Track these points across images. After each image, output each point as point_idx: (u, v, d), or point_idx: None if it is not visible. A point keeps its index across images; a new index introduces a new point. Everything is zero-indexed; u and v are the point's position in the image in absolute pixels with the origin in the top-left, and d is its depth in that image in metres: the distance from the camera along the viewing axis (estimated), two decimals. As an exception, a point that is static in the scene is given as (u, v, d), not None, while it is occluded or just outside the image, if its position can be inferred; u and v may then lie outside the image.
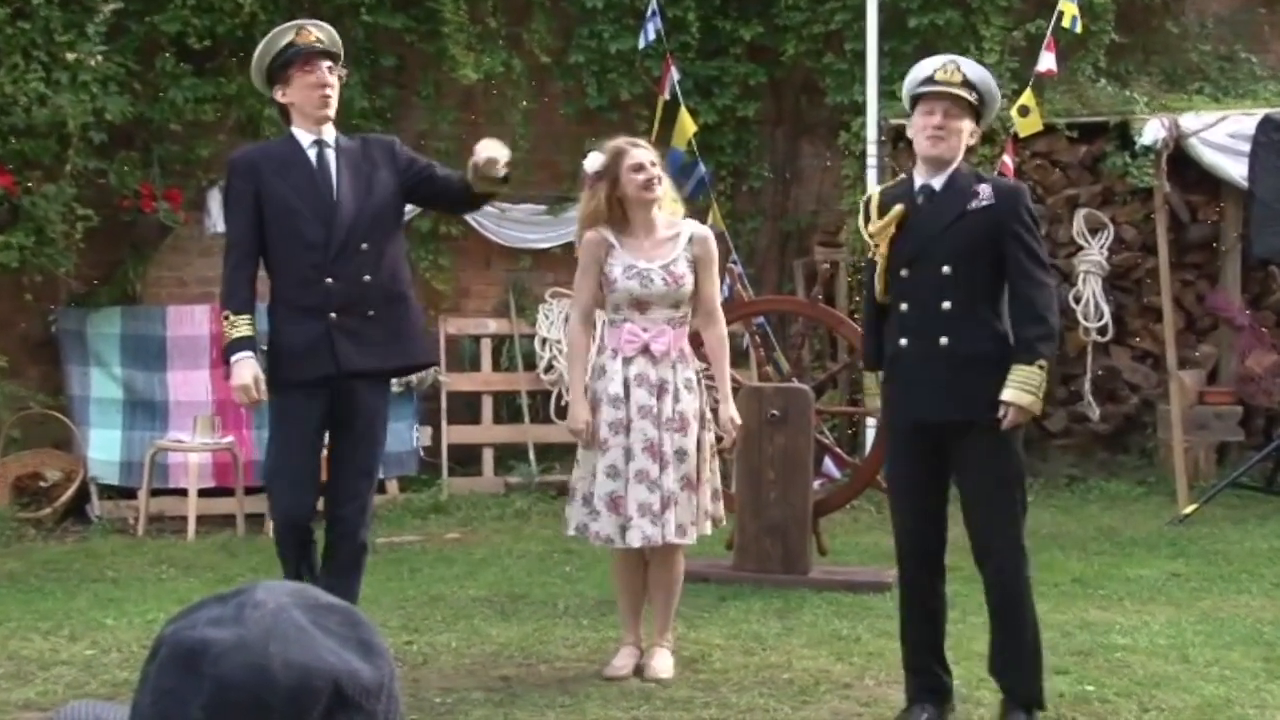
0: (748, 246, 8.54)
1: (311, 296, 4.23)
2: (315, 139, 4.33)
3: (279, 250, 4.30)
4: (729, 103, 8.39)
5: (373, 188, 4.34)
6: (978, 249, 3.86)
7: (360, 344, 4.26)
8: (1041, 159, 7.97)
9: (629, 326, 4.31)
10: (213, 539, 7.07)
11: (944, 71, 3.89)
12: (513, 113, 8.18)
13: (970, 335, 3.87)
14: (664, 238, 4.36)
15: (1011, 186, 4.01)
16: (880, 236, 3.95)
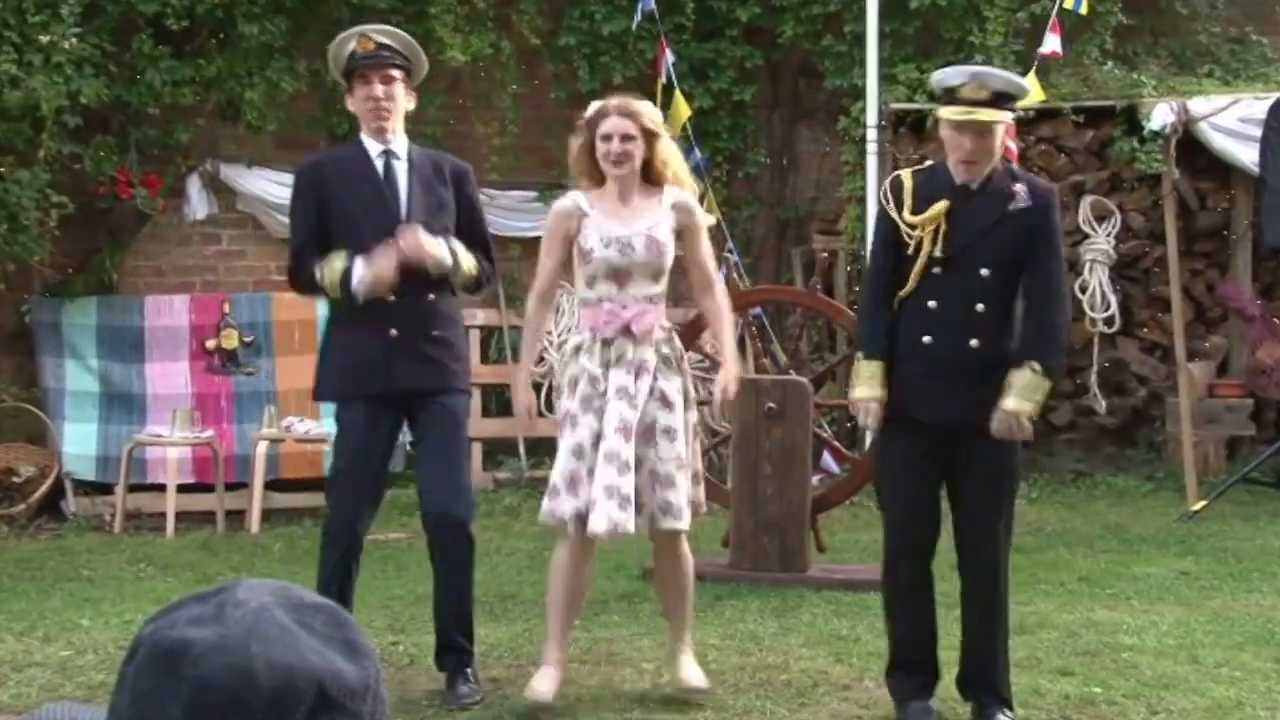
0: (744, 235, 8.54)
1: (374, 312, 4.23)
2: (383, 149, 4.32)
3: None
4: (725, 86, 8.39)
5: (444, 205, 4.34)
6: (1016, 253, 3.91)
7: (419, 362, 4.27)
8: (1047, 144, 7.97)
9: (608, 305, 4.17)
10: (192, 536, 7.06)
11: (970, 89, 3.86)
12: (502, 96, 8.17)
13: (999, 339, 3.92)
14: (643, 203, 4.23)
15: (1046, 188, 4.04)
16: (925, 231, 3.95)
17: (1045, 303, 3.91)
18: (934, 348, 3.94)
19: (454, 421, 4.36)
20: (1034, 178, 4.22)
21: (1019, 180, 3.97)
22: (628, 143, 4.17)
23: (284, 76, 7.86)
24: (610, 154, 4.17)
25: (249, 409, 7.74)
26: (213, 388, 7.80)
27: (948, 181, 3.98)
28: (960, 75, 3.93)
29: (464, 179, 4.44)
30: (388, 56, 4.29)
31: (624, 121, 4.19)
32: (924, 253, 3.94)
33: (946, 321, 3.93)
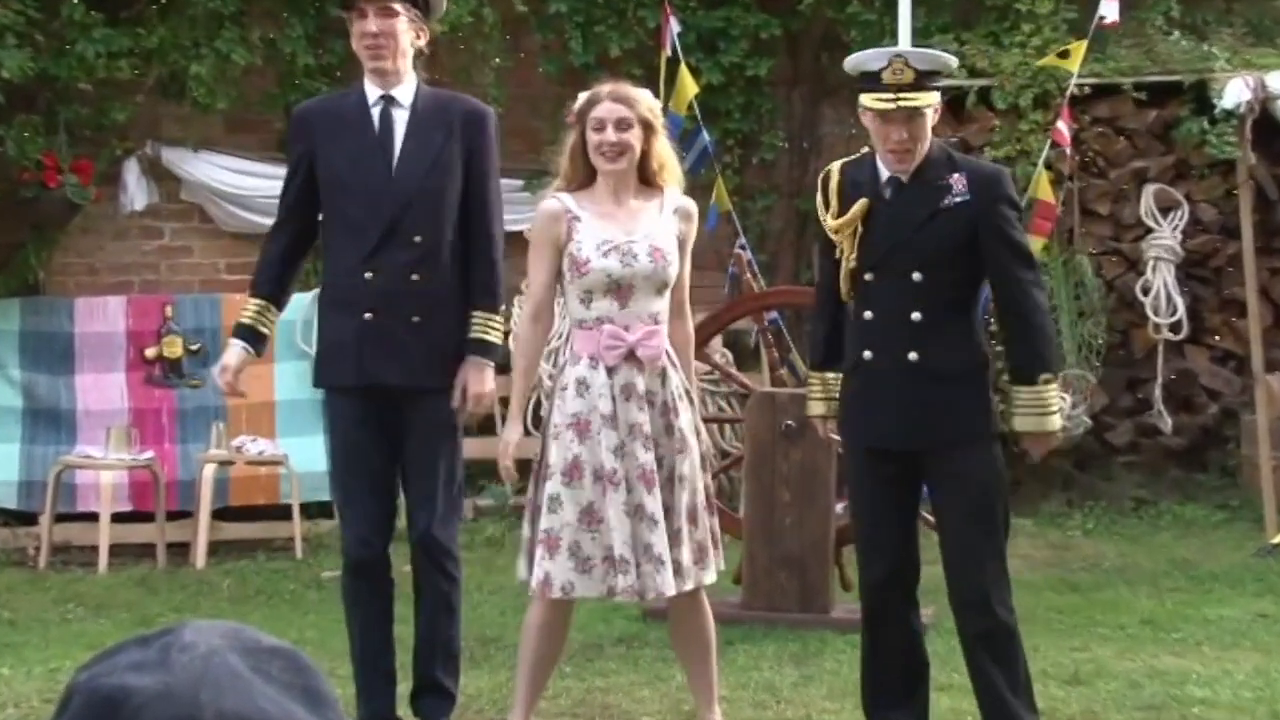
0: (759, 228, 8.55)
1: (347, 289, 4.24)
2: (382, 94, 4.29)
3: (326, 226, 4.35)
4: (737, 59, 8.41)
5: (441, 163, 4.26)
6: (952, 253, 3.96)
7: (393, 354, 4.22)
8: (1104, 125, 7.99)
9: (609, 328, 4.10)
10: (129, 573, 7.06)
11: (891, 72, 3.92)
12: (483, 71, 8.18)
13: (942, 350, 3.97)
14: (640, 205, 4.19)
15: (990, 174, 4.08)
16: (844, 235, 4.03)
17: (1020, 313, 3.97)
18: (873, 364, 4.03)
19: (438, 429, 4.30)
20: (978, 163, 4.29)
21: (958, 169, 4.01)
22: (624, 131, 4.13)
23: (235, 48, 7.87)
24: (604, 145, 4.12)
25: (194, 427, 7.74)
26: (153, 402, 7.81)
27: (871, 175, 4.05)
28: (879, 57, 3.98)
29: (478, 129, 4.31)
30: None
31: (619, 107, 4.14)
32: (845, 257, 4.03)
33: (882, 334, 4.01)
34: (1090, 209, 8.00)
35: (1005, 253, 3.95)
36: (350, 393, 4.27)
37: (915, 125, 3.93)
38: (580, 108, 4.22)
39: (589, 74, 8.04)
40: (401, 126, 4.27)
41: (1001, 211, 3.96)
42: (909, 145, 3.93)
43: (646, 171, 4.21)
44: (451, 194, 4.28)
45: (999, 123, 7.92)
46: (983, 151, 7.86)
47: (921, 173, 3.98)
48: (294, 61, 8.04)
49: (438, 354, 4.27)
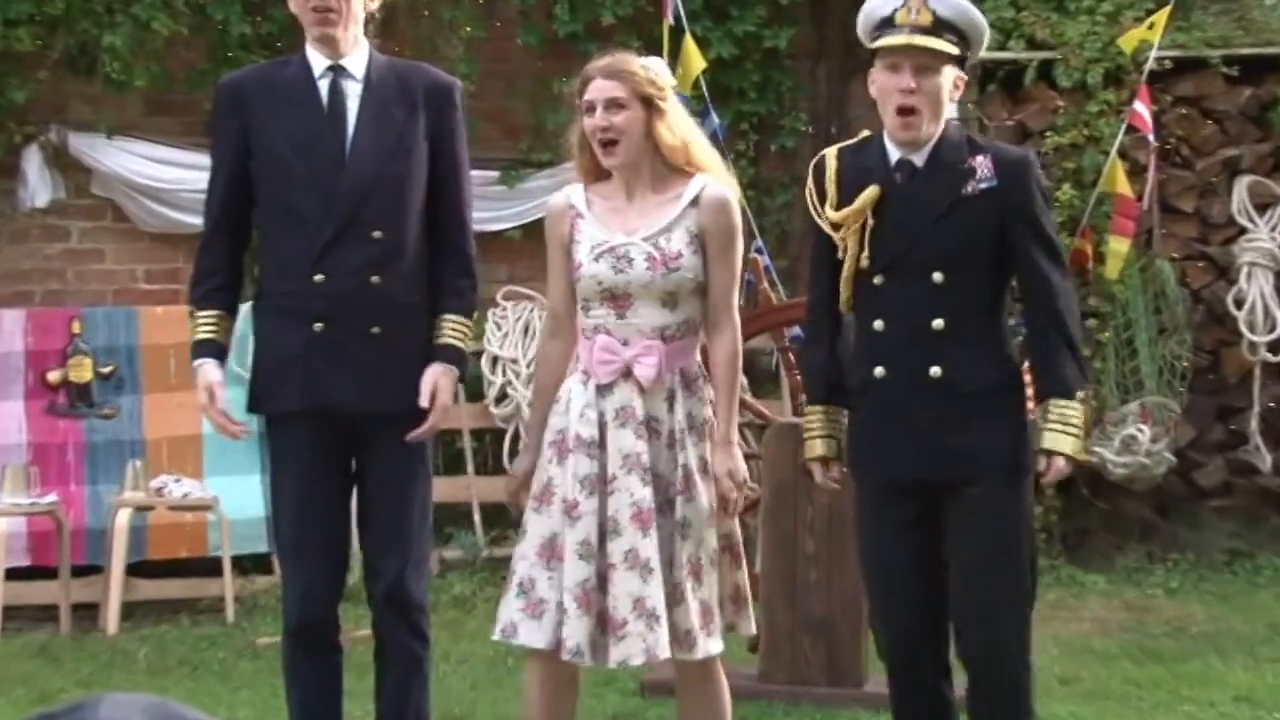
0: (778, 228, 8.56)
1: (293, 294, 4.20)
2: (330, 64, 4.27)
3: (264, 220, 4.30)
4: (752, 28, 8.43)
5: (404, 145, 4.26)
6: (978, 248, 3.96)
7: (349, 371, 4.20)
8: (1189, 106, 8.00)
9: (603, 339, 4.14)
10: (26, 639, 7.03)
11: (906, 11, 3.96)
12: (451, 43, 8.19)
13: (968, 363, 3.97)
14: (655, 199, 4.20)
15: (1019, 157, 4.08)
16: (848, 228, 4.02)
17: (1049, 316, 3.99)
18: (888, 383, 4.02)
19: (406, 461, 4.30)
20: (1003, 146, 4.27)
21: (981, 150, 4.02)
22: (615, 113, 4.12)
23: (156, 15, 7.87)
24: (596, 131, 4.13)
25: (106, 465, 7.72)
26: (57, 436, 7.79)
27: (880, 159, 4.05)
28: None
29: (445, 103, 4.33)
30: None
31: (609, 85, 4.14)
32: (849, 256, 4.02)
33: (897, 347, 4.00)
34: (1172, 206, 7.99)
35: (1036, 248, 3.96)
36: (297, 420, 4.24)
37: (927, 79, 3.93)
38: (577, 87, 4.21)
39: (576, 46, 8.07)
40: (355, 101, 4.25)
41: (1035, 200, 3.98)
42: (917, 101, 3.93)
43: (664, 155, 4.18)
44: (416, 181, 4.26)
45: (1063, 103, 7.92)
46: (1044, 137, 7.87)
47: (938, 155, 3.99)
48: (226, 31, 8.05)
49: (403, 371, 4.24)
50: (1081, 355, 4.06)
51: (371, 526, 4.33)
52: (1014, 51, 7.94)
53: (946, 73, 3.96)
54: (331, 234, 4.17)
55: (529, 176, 8.21)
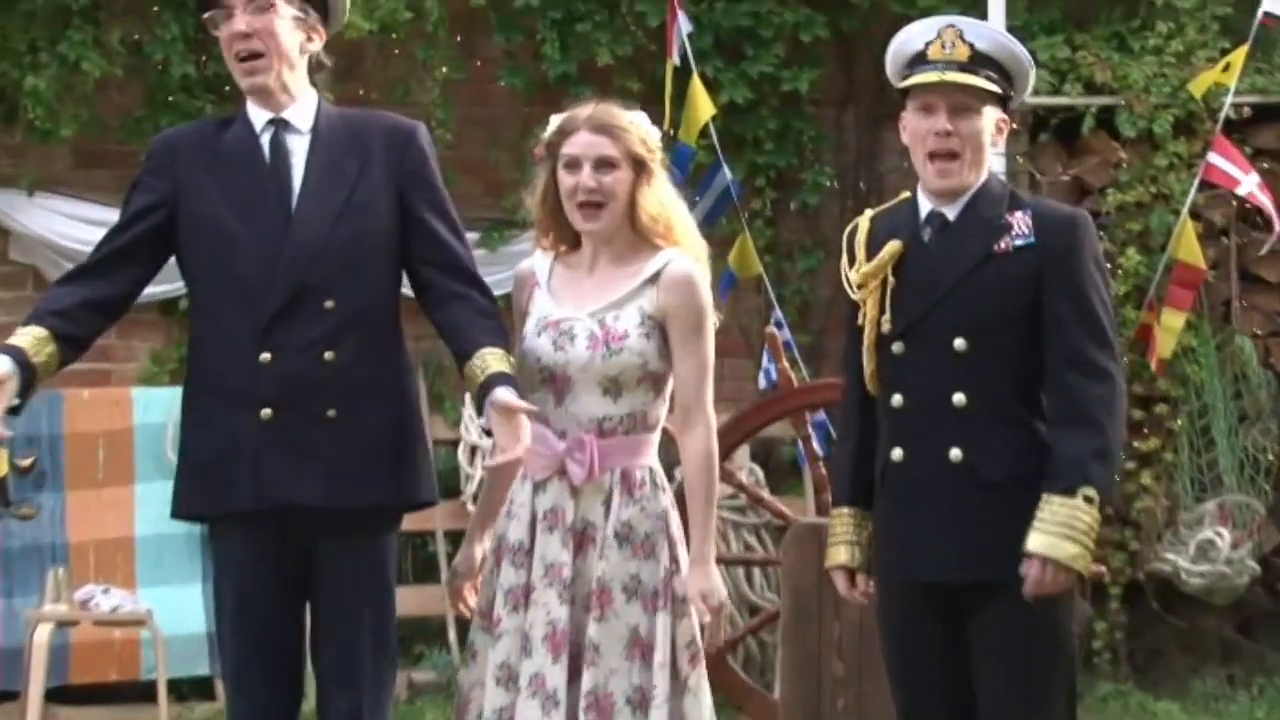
0: (799, 299, 8.54)
1: (236, 376, 4.17)
2: (272, 118, 4.27)
3: (200, 294, 4.28)
4: (769, 69, 8.42)
5: (356, 202, 4.24)
6: (1009, 313, 3.95)
7: (304, 462, 4.16)
8: (1271, 160, 7.99)
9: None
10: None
11: (940, 45, 3.98)
12: (426, 85, 8.20)
13: (994, 447, 3.95)
14: (617, 272, 4.21)
15: (1065, 216, 4.07)
16: (867, 288, 4.03)
17: (1077, 403, 3.91)
18: (906, 468, 4.00)
19: (366, 570, 4.26)
20: (1050, 203, 4.26)
21: (1022, 207, 4.02)
22: (605, 173, 4.14)
23: (86, 54, 7.88)
24: (579, 191, 4.14)
25: (23, 573, 7.67)
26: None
27: (910, 216, 4.07)
28: (927, 30, 4.03)
29: (405, 148, 4.31)
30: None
31: (599, 140, 4.15)
32: (869, 320, 4.02)
33: (915, 425, 3.99)
34: (1253, 274, 7.99)
35: (1073, 319, 3.92)
36: (244, 521, 4.19)
37: (965, 121, 3.94)
38: (551, 137, 4.20)
39: (569, 89, 8.08)
40: (301, 158, 4.24)
41: (1077, 264, 3.94)
42: (954, 145, 3.94)
43: (639, 226, 4.18)
44: (375, 241, 4.23)
45: (1126, 156, 7.93)
46: (1105, 195, 7.87)
47: (973, 208, 3.99)
48: (167, 72, 8.05)
49: (364, 460, 4.20)
50: (1113, 453, 3.94)
51: (324, 652, 4.27)
52: (1070, 96, 7.96)
53: (987, 114, 3.97)
54: (278, 306, 4.14)
55: (514, 238, 8.18)
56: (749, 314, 8.22)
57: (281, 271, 4.16)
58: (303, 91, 4.30)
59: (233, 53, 4.24)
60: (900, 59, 4.07)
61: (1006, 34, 4.14)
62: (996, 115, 3.99)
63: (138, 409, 7.83)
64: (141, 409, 7.83)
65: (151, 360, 8.21)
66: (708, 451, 4.20)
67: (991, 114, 3.98)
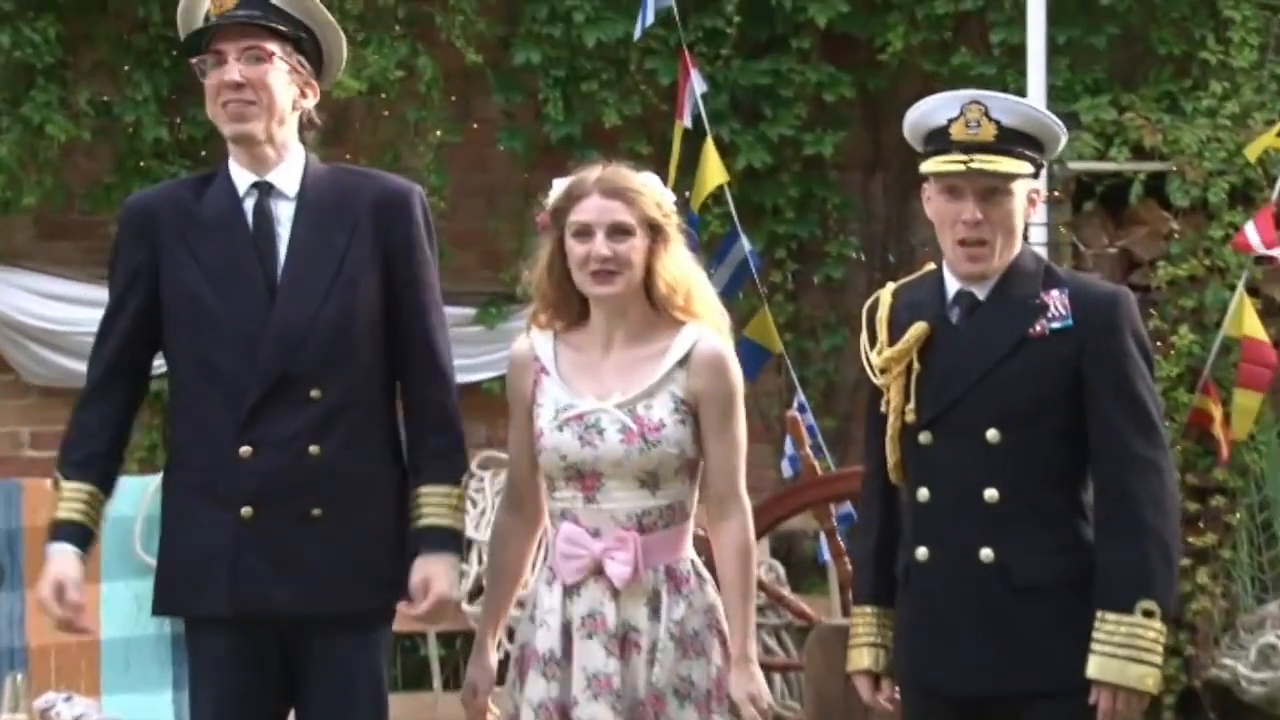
0: (823, 380, 8.55)
1: (214, 470, 4.18)
2: (256, 180, 4.27)
3: (177, 375, 4.28)
4: (790, 132, 8.48)
5: (345, 277, 4.23)
6: (1045, 401, 3.96)
7: (286, 566, 4.17)
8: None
9: (567, 528, 4.17)
10: None
11: (964, 123, 3.99)
12: (418, 149, 8.26)
13: (1029, 547, 3.95)
14: (637, 351, 4.22)
15: (1106, 295, 4.08)
16: (891, 374, 4.05)
17: (1122, 489, 3.92)
18: (931, 568, 4.01)
19: (354, 678, 4.25)
20: (1090, 280, 4.30)
21: (1059, 284, 4.03)
22: (619, 240, 4.15)
23: (51, 116, 7.94)
24: (591, 260, 4.14)
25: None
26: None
27: (935, 293, 4.08)
28: (949, 105, 4.04)
29: (399, 216, 4.31)
30: (257, 16, 4.22)
31: (612, 205, 4.16)
32: (893, 409, 4.04)
33: (943, 522, 4.00)
34: (1318, 355, 7.99)
35: (1116, 406, 3.93)
36: (221, 626, 4.20)
37: (996, 205, 3.96)
38: (557, 204, 4.21)
39: (573, 153, 8.11)
40: (286, 227, 4.24)
41: (1121, 345, 3.96)
42: (985, 233, 3.95)
43: (656, 298, 4.20)
44: (363, 322, 4.23)
45: (1179, 226, 7.95)
46: (1155, 268, 7.88)
47: (1006, 287, 4.01)
48: (138, 136, 8.09)
49: (351, 563, 4.21)
50: (1169, 557, 3.94)
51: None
52: (1117, 162, 7.98)
53: (1019, 192, 3.99)
54: (258, 396, 4.15)
55: (513, 314, 8.18)
56: (769, 396, 8.24)
57: (263, 357, 4.16)
58: (290, 150, 4.31)
59: (220, 102, 4.24)
60: (918, 132, 4.10)
61: (1034, 105, 4.16)
62: (1029, 187, 4.01)
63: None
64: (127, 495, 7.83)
65: (119, 446, 8.19)
66: (746, 543, 4.21)
67: (1023, 189, 3.99)
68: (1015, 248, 4.02)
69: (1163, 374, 7.61)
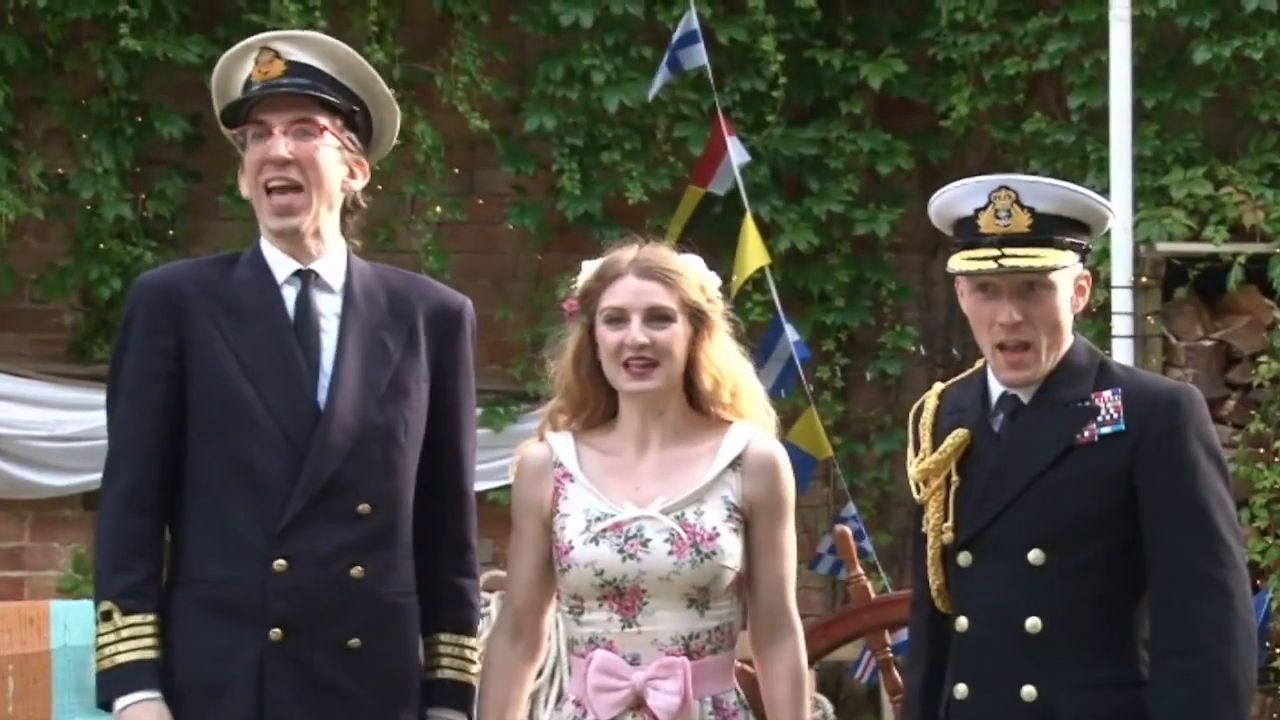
0: (877, 490, 8.55)
1: (238, 585, 4.16)
2: (299, 269, 4.25)
3: (199, 476, 4.23)
4: (841, 209, 8.52)
5: (399, 386, 4.25)
6: (1095, 517, 3.94)
7: (319, 698, 4.17)
8: None
9: (601, 657, 4.14)
10: None
11: (993, 214, 3.98)
12: (415, 227, 8.31)
13: (1078, 683, 3.93)
14: (682, 453, 4.21)
15: (1164, 394, 4.03)
16: (930, 487, 4.05)
17: (1183, 616, 3.88)
18: (971, 708, 3.99)
19: None
20: (1146, 378, 4.27)
21: (1112, 383, 4.01)
22: (659, 328, 4.14)
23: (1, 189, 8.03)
24: (625, 349, 4.13)
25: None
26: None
27: (979, 396, 4.08)
28: (977, 192, 4.02)
29: (453, 330, 4.33)
30: (306, 85, 4.22)
31: (650, 287, 4.15)
32: (931, 527, 4.03)
33: (982, 655, 3.98)
34: None
35: (1177, 521, 3.89)
36: None
37: (1037, 303, 3.94)
38: (587, 286, 4.21)
39: (590, 233, 8.13)
40: (333, 323, 4.24)
41: (1179, 451, 3.91)
42: (1025, 335, 3.94)
43: (698, 393, 4.19)
44: (414, 439, 4.25)
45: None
46: (1256, 363, 7.89)
47: (1052, 388, 3.99)
48: (97, 213, 8.12)
49: (388, 700, 4.22)
50: (1234, 694, 3.88)
51: None
52: (1213, 243, 7.98)
53: (1062, 282, 3.97)
54: (303, 505, 4.14)
55: (524, 415, 8.17)
56: (815, 509, 8.22)
57: (311, 463, 4.14)
58: (335, 239, 4.28)
59: (261, 180, 4.20)
60: (944, 222, 4.09)
61: (1072, 186, 4.07)
62: (1076, 274, 4.00)
63: (56, 628, 7.82)
64: (61, 628, 7.82)
65: (75, 566, 8.16)
66: (799, 667, 4.22)
67: (1068, 278, 3.98)
68: (1064, 345, 4.00)
69: (1265, 485, 7.62)
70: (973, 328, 4.02)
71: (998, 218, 3.95)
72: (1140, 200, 7.96)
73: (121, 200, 8.15)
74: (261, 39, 4.30)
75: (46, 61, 8.23)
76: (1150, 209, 8.00)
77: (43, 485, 7.60)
